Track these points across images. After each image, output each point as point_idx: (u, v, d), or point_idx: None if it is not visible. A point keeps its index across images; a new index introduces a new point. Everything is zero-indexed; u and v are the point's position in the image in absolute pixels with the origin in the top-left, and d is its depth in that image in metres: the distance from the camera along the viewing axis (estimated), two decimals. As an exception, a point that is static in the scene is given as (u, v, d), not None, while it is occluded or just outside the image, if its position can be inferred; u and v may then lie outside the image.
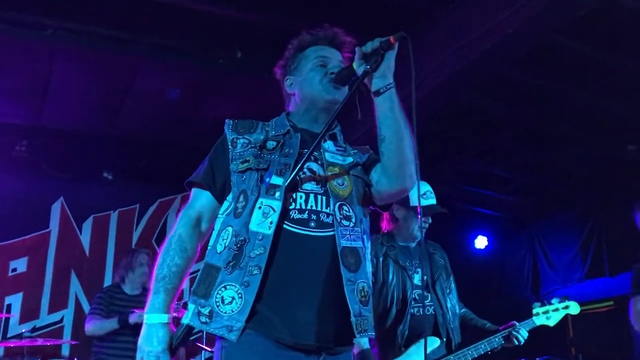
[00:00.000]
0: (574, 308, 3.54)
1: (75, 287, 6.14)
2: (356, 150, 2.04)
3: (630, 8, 4.11)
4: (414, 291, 3.22)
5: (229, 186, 1.87)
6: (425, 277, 3.29)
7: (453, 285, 3.42)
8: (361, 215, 1.88)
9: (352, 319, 1.70)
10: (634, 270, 3.75)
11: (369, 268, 1.84)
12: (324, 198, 1.82)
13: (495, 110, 5.61)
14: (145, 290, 4.48)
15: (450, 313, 3.26)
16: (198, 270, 1.79)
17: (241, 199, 1.80)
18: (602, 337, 7.23)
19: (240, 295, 1.65)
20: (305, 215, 1.77)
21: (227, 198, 1.88)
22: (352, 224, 1.81)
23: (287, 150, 1.88)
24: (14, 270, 5.95)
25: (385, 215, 3.46)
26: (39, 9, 4.08)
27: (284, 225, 1.74)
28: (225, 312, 1.65)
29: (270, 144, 1.90)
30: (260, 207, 1.75)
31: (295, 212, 1.76)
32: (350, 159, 1.97)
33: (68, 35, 4.19)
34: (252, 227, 1.72)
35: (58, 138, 5.86)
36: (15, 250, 5.98)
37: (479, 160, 6.64)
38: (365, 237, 1.87)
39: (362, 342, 3.04)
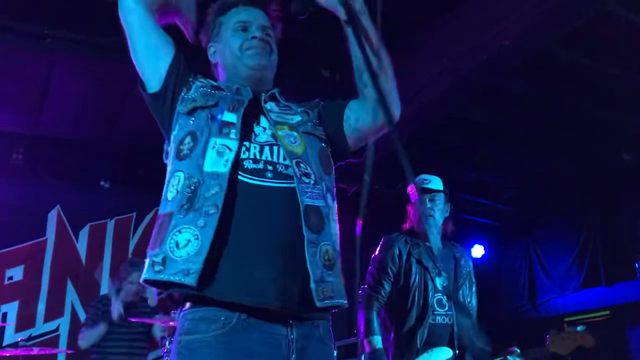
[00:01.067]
0: None
1: (71, 295, 6.12)
2: (303, 108, 1.84)
3: (623, 19, 4.15)
4: (435, 294, 3.14)
5: (168, 125, 1.73)
6: (448, 282, 3.23)
7: (474, 295, 3.34)
8: (321, 173, 1.68)
9: (312, 285, 1.52)
10: None
11: (334, 230, 1.66)
12: (280, 150, 1.64)
13: (490, 120, 5.64)
14: (141, 299, 4.48)
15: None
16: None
17: (187, 140, 1.63)
18: (598, 347, 7.23)
19: (196, 236, 1.49)
20: (261, 165, 1.60)
21: (168, 145, 1.74)
22: (312, 181, 1.62)
23: (239, 93, 1.74)
24: (10, 278, 5.93)
25: (410, 211, 3.39)
26: (38, 18, 4.10)
27: (238, 176, 1.57)
28: (180, 257, 1.48)
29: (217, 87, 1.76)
30: (214, 147, 1.59)
31: (249, 162, 1.60)
32: (298, 117, 1.78)
33: (66, 44, 4.20)
34: (207, 167, 1.56)
35: (55, 146, 5.87)
36: (11, 258, 5.96)
37: (475, 169, 6.66)
38: (329, 195, 1.68)
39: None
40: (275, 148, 1.65)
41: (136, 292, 4.45)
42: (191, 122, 1.66)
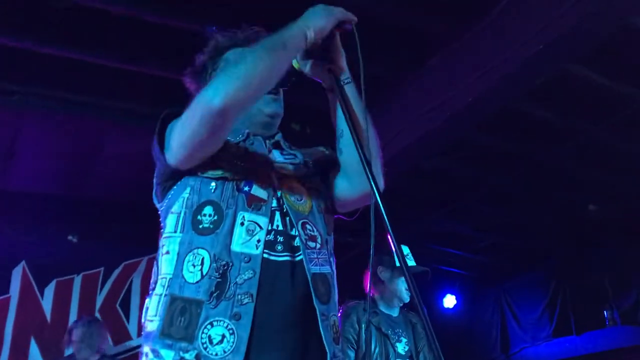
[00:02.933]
0: None
1: (34, 354, 5.90)
2: (307, 158, 1.75)
3: (582, 76, 4.30)
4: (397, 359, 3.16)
5: (170, 185, 1.56)
6: (409, 347, 3.23)
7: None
8: (326, 234, 1.60)
9: (321, 325, 1.44)
10: None
11: (336, 297, 1.58)
12: (286, 216, 1.54)
13: (461, 172, 5.74)
14: (103, 356, 4.39)
15: None
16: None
17: (208, 211, 1.49)
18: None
19: (231, 331, 1.36)
20: (272, 237, 1.49)
21: (169, 206, 1.56)
22: (318, 245, 1.54)
23: (257, 158, 1.63)
24: (-29, 337, 5.72)
25: (366, 277, 3.41)
26: (6, 74, 4.08)
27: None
28: (216, 354, 1.35)
29: (239, 151, 1.62)
30: (242, 224, 1.47)
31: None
32: (304, 169, 1.71)
33: (36, 100, 4.19)
34: (235, 247, 1.44)
35: (22, 201, 5.76)
36: (-28, 316, 5.76)
37: (446, 220, 6.72)
38: (332, 260, 1.61)
39: None
40: (281, 215, 1.54)
41: (97, 351, 4.36)
42: (212, 189, 1.52)
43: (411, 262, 3.35)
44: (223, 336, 1.37)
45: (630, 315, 6.66)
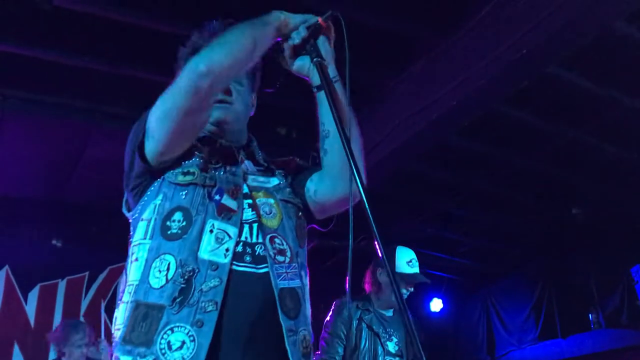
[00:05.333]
0: None
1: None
2: (281, 170, 1.74)
3: (566, 80, 4.35)
4: (386, 357, 3.18)
5: (141, 191, 1.56)
6: (399, 346, 3.24)
7: None
8: (297, 247, 1.58)
9: (286, 341, 1.42)
10: None
11: (308, 311, 1.56)
12: (254, 227, 1.53)
13: (444, 177, 5.77)
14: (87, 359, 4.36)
15: None
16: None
17: (177, 217, 1.48)
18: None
19: (192, 338, 1.34)
20: (240, 248, 1.48)
21: (141, 213, 1.55)
22: (287, 259, 1.52)
23: (229, 168, 1.61)
24: (-46, 343, 5.66)
25: (367, 276, 3.41)
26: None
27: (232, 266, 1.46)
28: None
29: (212, 158, 1.61)
30: (212, 231, 1.46)
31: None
32: (275, 180, 1.69)
33: (18, 103, 4.16)
34: (203, 254, 1.43)
35: (5, 205, 5.72)
36: (-45, 322, 5.70)
37: (431, 224, 6.75)
38: (303, 273, 1.58)
39: None
40: (255, 226, 1.53)
41: (81, 354, 4.32)
42: (183, 195, 1.51)
43: (414, 269, 3.32)
44: (183, 342, 1.34)
45: (615, 318, 6.71)
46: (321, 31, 1.62)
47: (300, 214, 1.67)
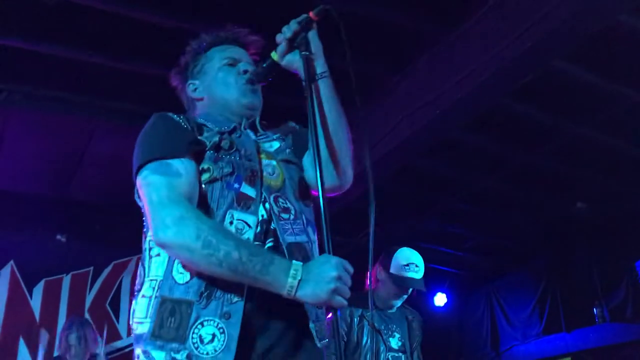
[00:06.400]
0: None
1: (23, 354, 5.87)
2: (278, 134, 1.77)
3: (568, 74, 4.32)
4: (388, 354, 3.16)
5: None
6: (402, 342, 3.23)
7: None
8: (301, 206, 1.62)
9: (311, 325, 1.48)
10: None
11: None
12: (267, 202, 1.57)
13: (448, 173, 5.76)
14: (92, 356, 4.38)
15: None
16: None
17: None
18: (561, 394, 7.27)
19: (221, 330, 1.39)
20: (259, 229, 1.53)
21: None
22: (292, 216, 1.56)
23: (244, 152, 1.61)
24: (-41, 338, 5.68)
25: (373, 272, 3.37)
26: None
27: None
28: (207, 354, 1.37)
29: (225, 144, 1.61)
30: (231, 222, 1.49)
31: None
32: (276, 144, 1.73)
33: (23, 99, 4.16)
34: None
35: (9, 200, 5.73)
36: (-40, 317, 5.72)
37: (435, 219, 6.74)
38: (310, 228, 1.61)
39: None
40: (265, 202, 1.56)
41: (85, 351, 4.35)
42: (203, 191, 1.53)
43: (408, 274, 3.28)
44: (214, 335, 1.39)
45: (619, 312, 6.70)
46: (312, 25, 1.62)
47: (302, 173, 1.71)
